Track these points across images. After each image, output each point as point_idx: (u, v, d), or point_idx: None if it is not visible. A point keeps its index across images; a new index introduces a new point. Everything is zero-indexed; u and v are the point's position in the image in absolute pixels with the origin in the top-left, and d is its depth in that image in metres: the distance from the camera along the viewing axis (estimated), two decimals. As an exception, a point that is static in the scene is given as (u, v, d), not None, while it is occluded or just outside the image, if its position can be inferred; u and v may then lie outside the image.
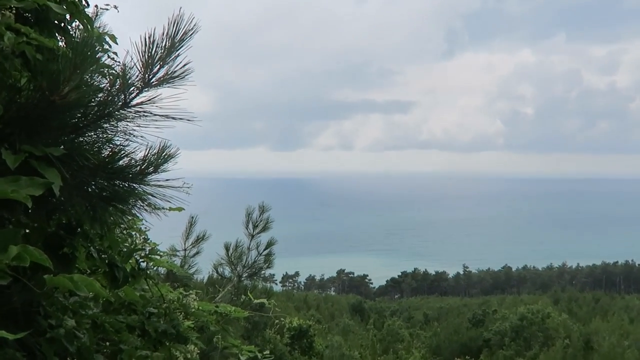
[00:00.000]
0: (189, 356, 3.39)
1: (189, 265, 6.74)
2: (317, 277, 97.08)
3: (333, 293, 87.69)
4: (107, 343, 3.12)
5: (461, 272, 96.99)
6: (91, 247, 2.74)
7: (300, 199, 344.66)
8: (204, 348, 3.96)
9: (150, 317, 3.52)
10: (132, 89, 1.89)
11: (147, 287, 3.64)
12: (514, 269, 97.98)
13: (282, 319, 4.60)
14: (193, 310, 3.51)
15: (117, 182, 2.15)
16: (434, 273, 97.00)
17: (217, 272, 6.91)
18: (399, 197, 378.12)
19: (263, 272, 7.15)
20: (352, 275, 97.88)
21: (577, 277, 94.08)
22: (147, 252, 3.32)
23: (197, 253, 6.96)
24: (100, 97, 1.96)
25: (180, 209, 3.48)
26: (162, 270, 6.34)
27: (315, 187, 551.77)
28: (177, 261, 6.63)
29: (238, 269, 6.85)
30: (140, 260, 3.33)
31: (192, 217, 6.98)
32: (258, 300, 4.45)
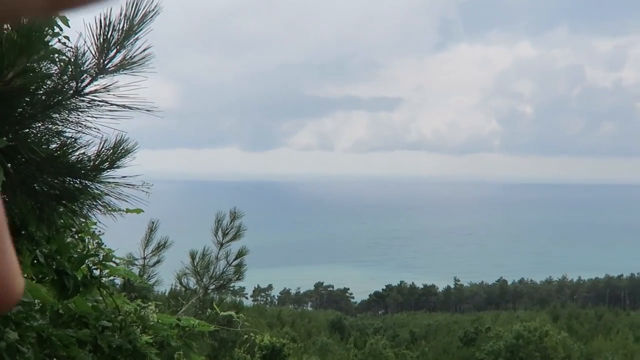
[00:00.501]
0: (147, 374, 3.39)
1: (149, 275, 6.71)
2: (293, 291, 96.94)
3: (310, 308, 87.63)
4: (55, 359, 3.11)
5: (452, 286, 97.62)
6: (37, 252, 2.73)
7: (274, 204, 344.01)
8: (164, 366, 3.96)
9: (104, 330, 3.51)
10: (85, 75, 1.90)
11: (100, 297, 3.63)
12: (509, 283, 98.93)
13: (252, 335, 4.58)
14: (152, 323, 3.50)
15: (67, 178, 2.16)
16: (422, 287, 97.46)
17: (181, 283, 6.89)
18: (385, 203, 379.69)
19: (233, 284, 7.15)
20: (331, 288, 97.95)
21: (578, 292, 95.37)
22: (100, 259, 3.31)
23: (157, 262, 6.93)
24: (49, 84, 1.96)
25: (139, 211, 3.48)
26: (118, 281, 6.32)
27: (292, 191, 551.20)
28: (136, 270, 6.59)
29: (204, 280, 6.83)
30: (93, 267, 3.31)
31: (153, 222, 6.97)
32: (225, 313, 4.46)
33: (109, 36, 1.97)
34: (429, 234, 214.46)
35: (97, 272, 3.37)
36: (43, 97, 1.96)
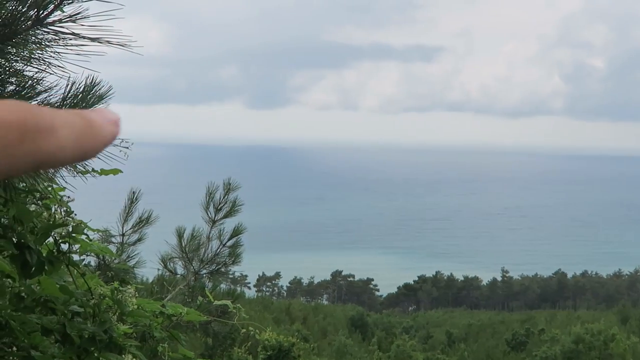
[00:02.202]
0: (124, 369, 3.45)
1: (128, 256, 6.78)
2: (305, 281, 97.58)
3: (326, 302, 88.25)
4: (14, 348, 3.17)
5: (499, 279, 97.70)
6: (-7, 220, 2.76)
7: (284, 175, 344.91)
8: (146, 362, 4.02)
9: (74, 317, 3.57)
10: (47, 1, 1.90)
11: (69, 278, 3.68)
12: (569, 276, 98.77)
13: (253, 331, 4.61)
14: (131, 309, 3.56)
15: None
16: (462, 279, 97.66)
17: (167, 266, 6.96)
18: (419, 176, 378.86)
19: (228, 269, 7.20)
20: (351, 279, 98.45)
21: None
22: (70, 230, 3.34)
23: (139, 240, 6.99)
24: (4, 13, 1.96)
25: (116, 171, 3.50)
26: (91, 261, 6.39)
27: (306, 158, 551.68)
28: (113, 249, 6.66)
29: (194, 263, 6.89)
30: (61, 241, 3.35)
31: (134, 192, 7.02)
32: (219, 302, 4.50)
33: (77, -47, 1.97)
34: (472, 215, 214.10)
35: (65, 247, 3.41)
36: (-3, 28, 1.96)
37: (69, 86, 2.13)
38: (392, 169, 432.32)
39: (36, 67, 2.07)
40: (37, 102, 2.16)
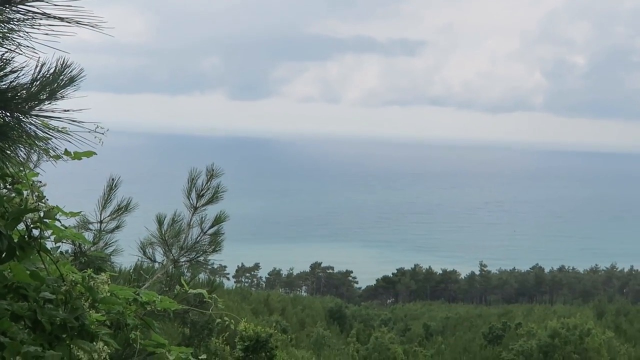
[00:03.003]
0: (96, 357, 3.41)
1: (106, 243, 6.72)
2: (284, 272, 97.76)
3: (304, 294, 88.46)
4: (-17, 334, 3.12)
5: (477, 272, 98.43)
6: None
7: (264, 166, 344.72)
8: (119, 349, 3.99)
9: (46, 304, 3.52)
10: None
11: (42, 265, 3.64)
12: (546, 270, 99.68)
13: (226, 320, 4.64)
14: (103, 296, 3.52)
15: (-5, 110, 2.13)
16: (440, 272, 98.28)
17: (145, 253, 6.91)
18: (399, 169, 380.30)
19: (208, 257, 7.16)
20: (330, 270, 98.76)
21: (629, 284, 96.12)
22: (41, 216, 3.30)
23: (117, 227, 6.94)
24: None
25: (89, 154, 3.46)
26: (69, 249, 6.33)
27: (287, 150, 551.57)
28: (89, 237, 6.61)
29: (174, 251, 6.84)
30: (32, 226, 3.31)
31: (113, 179, 6.96)
32: (194, 291, 4.47)
33: None
34: (451, 208, 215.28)
35: (37, 233, 3.37)
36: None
37: (39, 67, 2.09)
38: (374, 163, 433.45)
39: (5, 48, 2.04)
40: (5, 83, 2.13)
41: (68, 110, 2.27)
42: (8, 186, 3.26)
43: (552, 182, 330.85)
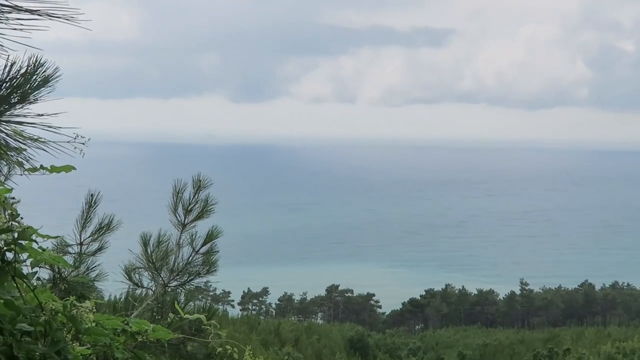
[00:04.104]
0: (81, 395, 3.42)
1: (87, 267, 6.73)
2: (297, 297, 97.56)
3: (320, 321, 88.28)
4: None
5: (517, 292, 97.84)
6: None
7: (272, 177, 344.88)
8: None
9: (23, 337, 3.53)
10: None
11: (17, 293, 3.64)
12: (597, 288, 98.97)
13: (230, 350, 4.61)
14: (88, 326, 3.52)
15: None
16: (475, 292, 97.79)
17: (131, 278, 6.92)
18: (427, 175, 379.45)
19: (203, 280, 7.16)
20: (349, 294, 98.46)
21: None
22: (15, 237, 3.30)
23: (99, 249, 6.94)
24: None
25: (68, 169, 3.48)
26: (45, 274, 6.35)
27: (297, 158, 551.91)
28: (69, 260, 6.61)
29: (163, 274, 6.85)
30: (5, 248, 3.30)
31: (92, 195, 6.96)
32: (191, 316, 4.48)
33: None
34: (487, 220, 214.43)
35: (11, 257, 3.37)
36: None
37: (8, 67, 2.12)
38: (396, 169, 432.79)
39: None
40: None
41: (42, 115, 2.29)
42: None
43: (601, 186, 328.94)
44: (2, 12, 2.02)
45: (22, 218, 3.48)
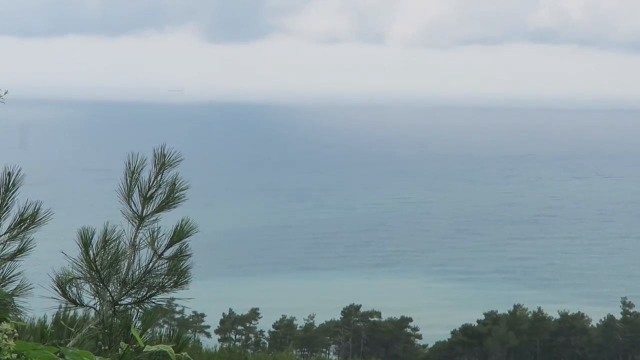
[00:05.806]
0: None
1: (3, 277, 6.69)
2: (299, 322, 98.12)
3: (334, 357, 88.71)
4: None
5: (617, 317, 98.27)
6: None
7: (265, 150, 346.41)
8: None
9: None
10: None
11: None
12: None
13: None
14: (8, 358, 3.48)
15: None
16: (557, 317, 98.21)
17: (66, 294, 6.86)
18: (486, 148, 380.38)
19: (165, 295, 7.07)
20: (375, 318, 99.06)
21: None
22: None
23: (20, 251, 6.90)
24: None
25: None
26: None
27: (300, 123, 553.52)
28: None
29: (111, 288, 6.79)
30: None
31: (9, 175, 6.87)
32: (152, 348, 4.37)
33: None
34: (574, 212, 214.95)
35: None
36: None
37: None
38: (442, 140, 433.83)
39: None
40: None
41: None
42: None
43: None
44: None
45: None
